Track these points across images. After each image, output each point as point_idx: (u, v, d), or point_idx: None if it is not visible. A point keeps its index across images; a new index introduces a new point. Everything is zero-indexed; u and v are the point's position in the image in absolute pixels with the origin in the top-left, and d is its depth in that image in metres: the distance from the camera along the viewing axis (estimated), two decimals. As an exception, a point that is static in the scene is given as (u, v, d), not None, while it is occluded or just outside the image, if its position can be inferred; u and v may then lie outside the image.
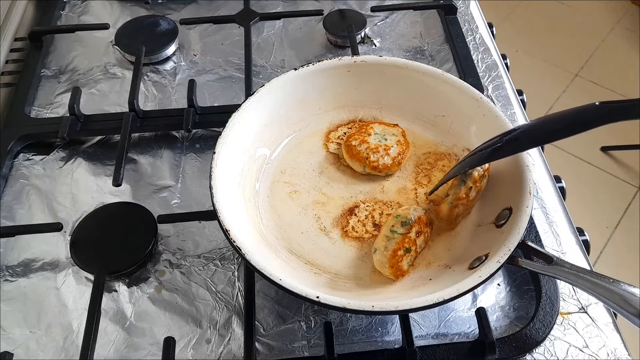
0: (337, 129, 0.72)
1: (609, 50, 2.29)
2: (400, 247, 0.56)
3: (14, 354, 0.57)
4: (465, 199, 0.60)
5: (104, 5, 0.95)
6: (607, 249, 1.70)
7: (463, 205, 0.60)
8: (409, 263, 0.58)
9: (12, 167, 0.73)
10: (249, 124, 0.65)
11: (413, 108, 0.71)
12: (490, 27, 0.93)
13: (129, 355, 0.57)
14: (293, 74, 0.68)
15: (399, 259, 0.56)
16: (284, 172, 0.68)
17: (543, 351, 0.57)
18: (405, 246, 0.56)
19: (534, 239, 0.64)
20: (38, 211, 0.69)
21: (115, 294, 0.62)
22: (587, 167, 1.92)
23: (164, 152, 0.75)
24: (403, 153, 0.67)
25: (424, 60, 0.86)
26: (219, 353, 0.57)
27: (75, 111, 0.74)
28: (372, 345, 0.58)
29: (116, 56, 0.87)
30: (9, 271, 0.63)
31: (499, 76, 0.84)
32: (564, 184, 0.73)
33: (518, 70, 1.06)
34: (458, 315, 0.60)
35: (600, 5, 2.45)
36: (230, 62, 0.86)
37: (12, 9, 0.92)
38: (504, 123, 0.63)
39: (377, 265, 0.57)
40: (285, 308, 0.60)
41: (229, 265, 0.64)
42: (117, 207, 0.67)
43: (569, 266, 0.52)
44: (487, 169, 0.61)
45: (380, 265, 0.57)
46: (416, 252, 0.58)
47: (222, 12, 0.92)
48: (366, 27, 0.88)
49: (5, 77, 0.84)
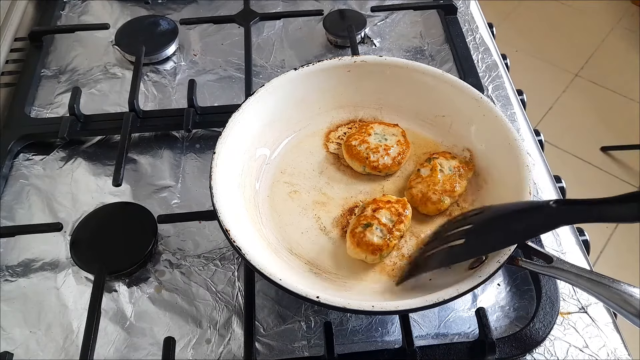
0: (337, 129, 0.72)
1: (609, 50, 2.29)
2: (357, 226, 0.59)
3: (14, 354, 0.57)
4: (428, 180, 0.63)
5: (104, 5, 0.95)
6: (607, 249, 1.70)
7: (427, 185, 0.62)
8: (380, 236, 0.58)
9: (12, 167, 0.73)
10: (249, 124, 0.65)
11: (413, 108, 0.71)
12: (490, 27, 0.93)
13: (129, 355, 0.57)
14: (293, 74, 0.68)
15: (360, 235, 0.57)
16: (284, 172, 0.68)
17: (543, 351, 0.57)
18: (362, 223, 0.58)
19: (534, 239, 0.64)
20: (38, 211, 0.69)
21: (115, 294, 0.62)
22: (587, 167, 1.92)
23: (164, 152, 0.75)
24: (403, 153, 0.67)
25: (424, 60, 0.86)
26: (219, 353, 0.57)
27: (75, 111, 0.74)
28: (372, 345, 0.58)
29: (116, 56, 0.87)
30: (9, 271, 0.63)
31: (499, 76, 0.84)
32: (564, 184, 0.73)
33: (518, 70, 1.06)
34: (458, 315, 0.60)
35: (600, 5, 2.45)
36: (230, 62, 0.86)
37: (12, 9, 0.92)
38: (504, 123, 0.63)
39: (350, 253, 0.58)
40: (285, 308, 0.60)
41: (229, 265, 0.64)
42: (117, 207, 0.67)
43: (569, 266, 0.52)
44: (458, 165, 0.64)
45: (351, 251, 0.58)
46: (382, 224, 0.58)
47: (222, 12, 0.92)
48: (366, 27, 0.88)
49: (5, 77, 0.84)
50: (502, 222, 0.52)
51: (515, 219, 0.52)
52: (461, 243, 0.53)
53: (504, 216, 0.52)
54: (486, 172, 0.65)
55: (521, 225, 0.51)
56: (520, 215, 0.51)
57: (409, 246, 0.61)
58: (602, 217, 0.47)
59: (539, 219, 0.50)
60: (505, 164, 0.61)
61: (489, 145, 0.65)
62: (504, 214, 0.52)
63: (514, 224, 0.51)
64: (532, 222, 0.51)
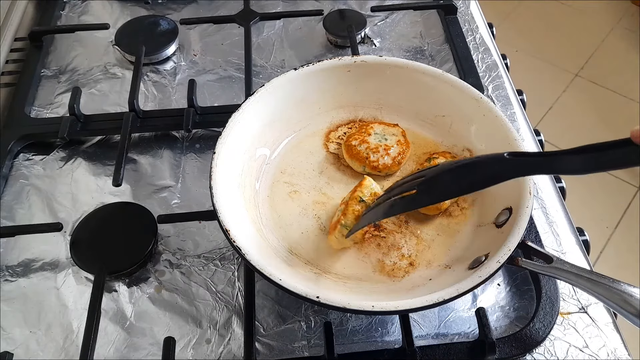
0: (337, 129, 0.72)
1: (609, 50, 2.29)
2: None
3: (14, 354, 0.57)
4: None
5: (104, 5, 0.95)
6: (607, 249, 1.70)
7: None
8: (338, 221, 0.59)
9: (12, 167, 0.73)
10: (249, 124, 0.65)
11: (413, 108, 0.71)
12: (490, 27, 0.93)
13: (129, 355, 0.57)
14: (293, 74, 0.68)
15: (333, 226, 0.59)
16: (284, 172, 0.68)
17: (543, 351, 0.57)
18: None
19: (534, 239, 0.64)
20: (38, 211, 0.69)
21: (115, 294, 0.62)
22: (587, 167, 1.91)
23: (164, 152, 0.75)
24: (403, 153, 0.67)
25: (424, 60, 0.86)
26: (219, 353, 0.57)
27: (75, 111, 0.74)
28: (372, 345, 0.58)
29: (116, 56, 0.87)
30: (9, 271, 0.63)
31: (499, 76, 0.84)
32: (564, 184, 0.73)
33: (518, 70, 1.06)
34: (458, 315, 0.60)
35: (600, 5, 2.45)
36: (230, 62, 0.86)
37: (12, 9, 0.92)
38: (503, 123, 0.63)
39: (335, 245, 0.59)
40: (285, 308, 0.60)
41: (229, 265, 0.64)
42: (117, 207, 0.67)
43: (569, 266, 0.52)
44: None
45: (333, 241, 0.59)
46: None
47: (222, 12, 0.92)
48: (366, 27, 0.88)
49: (5, 77, 0.84)
50: (455, 173, 0.52)
51: (469, 170, 0.52)
52: (413, 193, 0.53)
53: (457, 168, 0.52)
54: (486, 172, 0.65)
55: (475, 176, 0.51)
56: (474, 166, 0.51)
57: (409, 246, 0.61)
58: (553, 169, 0.48)
59: (493, 170, 0.50)
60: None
61: (489, 145, 0.65)
62: (458, 165, 0.52)
63: (468, 175, 0.51)
64: (485, 172, 0.51)
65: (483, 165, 0.51)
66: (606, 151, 0.43)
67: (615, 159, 0.43)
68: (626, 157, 0.43)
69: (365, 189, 0.60)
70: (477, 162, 0.51)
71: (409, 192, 0.54)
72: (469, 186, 0.52)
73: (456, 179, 0.52)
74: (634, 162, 0.43)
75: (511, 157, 0.49)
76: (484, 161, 0.51)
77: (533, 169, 0.49)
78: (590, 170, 0.44)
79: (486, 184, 0.51)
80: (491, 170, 0.50)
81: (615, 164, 0.44)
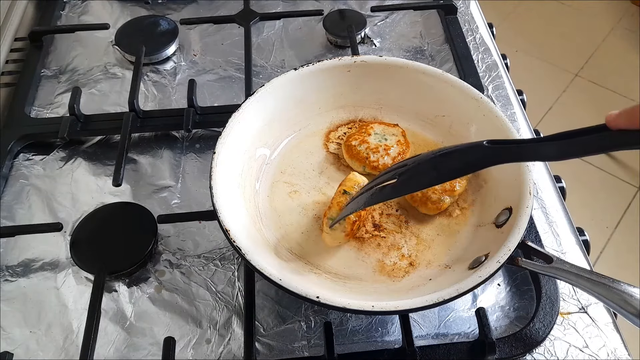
0: (337, 129, 0.72)
1: (609, 50, 2.29)
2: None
3: (14, 354, 0.57)
4: None
5: (104, 5, 0.95)
6: (607, 249, 1.70)
7: None
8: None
9: (12, 167, 0.73)
10: (249, 124, 0.65)
11: (413, 108, 0.71)
12: (490, 27, 0.93)
13: (129, 355, 0.57)
14: (293, 74, 0.68)
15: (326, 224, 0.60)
16: (284, 172, 0.68)
17: (543, 351, 0.57)
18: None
19: (534, 239, 0.64)
20: (38, 211, 0.69)
21: (115, 294, 0.62)
22: (587, 167, 1.91)
23: (164, 152, 0.75)
24: (403, 153, 0.67)
25: (424, 60, 0.86)
26: (219, 353, 0.57)
27: (75, 111, 0.74)
28: (372, 345, 0.58)
29: (116, 56, 0.87)
30: (9, 271, 0.63)
31: (499, 76, 0.84)
32: (564, 184, 0.73)
33: (518, 70, 1.06)
34: (458, 315, 0.60)
35: (600, 5, 2.45)
36: (230, 62, 0.86)
37: (12, 9, 0.92)
38: (504, 123, 0.63)
39: (328, 242, 0.60)
40: (285, 308, 0.60)
41: (229, 265, 0.64)
42: (117, 207, 0.67)
43: (569, 266, 0.52)
44: None
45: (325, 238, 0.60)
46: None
47: (222, 12, 0.92)
48: (366, 27, 0.88)
49: (5, 77, 0.84)
50: (435, 161, 0.52)
51: (448, 158, 0.52)
52: (393, 182, 0.53)
53: (437, 156, 0.52)
54: (486, 172, 0.65)
55: (454, 163, 0.51)
56: (454, 154, 0.52)
57: (409, 246, 0.61)
58: (530, 156, 0.50)
59: (472, 157, 0.51)
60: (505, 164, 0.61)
61: (489, 145, 0.65)
62: (438, 154, 0.52)
63: (447, 163, 0.52)
64: (465, 159, 0.51)
65: (462, 153, 0.51)
66: (581, 137, 0.44)
67: (590, 144, 0.44)
68: (601, 142, 0.43)
69: (349, 182, 0.61)
70: (457, 150, 0.52)
71: (390, 181, 0.54)
72: (448, 173, 0.52)
73: (436, 166, 0.52)
74: (608, 147, 0.43)
75: (490, 145, 0.49)
76: (463, 149, 0.51)
77: (511, 156, 0.50)
78: (567, 155, 0.45)
79: (465, 172, 0.53)
80: (470, 157, 0.51)
81: (591, 149, 0.44)
